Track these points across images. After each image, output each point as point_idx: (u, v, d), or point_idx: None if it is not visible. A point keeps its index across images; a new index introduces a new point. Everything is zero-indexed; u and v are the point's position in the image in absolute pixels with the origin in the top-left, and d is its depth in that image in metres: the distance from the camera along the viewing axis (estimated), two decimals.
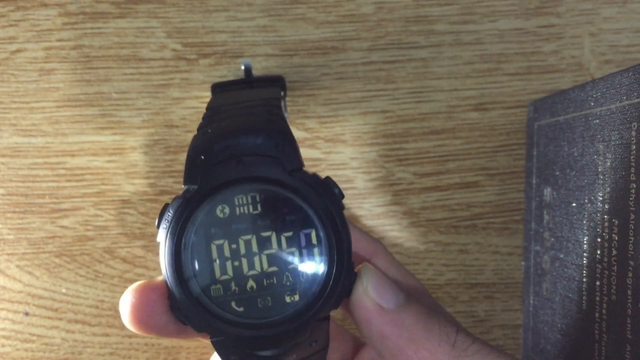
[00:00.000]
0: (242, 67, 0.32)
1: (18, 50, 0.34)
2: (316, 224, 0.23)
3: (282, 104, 0.32)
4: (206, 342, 0.36)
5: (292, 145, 0.23)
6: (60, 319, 0.36)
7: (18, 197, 0.35)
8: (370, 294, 0.23)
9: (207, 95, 0.35)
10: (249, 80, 0.32)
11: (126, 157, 0.35)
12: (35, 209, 0.35)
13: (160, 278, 0.23)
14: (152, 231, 0.36)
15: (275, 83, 0.32)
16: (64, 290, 0.36)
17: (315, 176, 0.23)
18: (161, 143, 0.35)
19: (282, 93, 0.32)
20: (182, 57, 0.35)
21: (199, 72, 0.35)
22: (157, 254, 0.35)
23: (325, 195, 0.23)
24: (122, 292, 0.36)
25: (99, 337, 0.36)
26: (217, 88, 0.31)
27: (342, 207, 0.23)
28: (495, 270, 0.37)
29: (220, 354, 0.23)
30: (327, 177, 0.23)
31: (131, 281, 0.36)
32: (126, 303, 0.23)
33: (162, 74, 0.35)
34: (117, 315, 0.36)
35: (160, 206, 0.35)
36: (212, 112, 0.25)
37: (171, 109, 0.35)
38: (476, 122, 0.36)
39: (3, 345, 0.36)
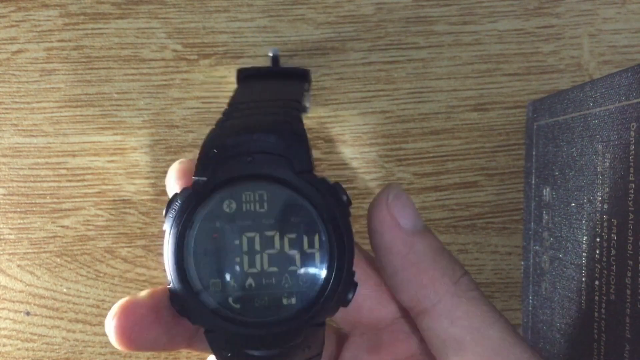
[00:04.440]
0: (270, 54, 0.32)
1: (19, 51, 0.35)
2: (320, 228, 0.22)
3: (306, 96, 0.32)
4: (196, 353, 0.36)
5: (303, 147, 0.22)
6: (61, 318, 0.36)
7: (19, 197, 0.35)
8: (391, 208, 0.23)
9: (207, 96, 0.35)
10: (275, 70, 0.31)
11: (127, 157, 0.35)
12: (37, 209, 0.35)
13: (143, 293, 0.23)
14: (152, 231, 0.36)
15: (302, 77, 0.31)
16: (64, 290, 0.36)
17: (323, 180, 0.23)
18: (162, 143, 0.35)
19: (306, 86, 0.32)
20: (182, 57, 0.35)
21: (199, 73, 0.35)
22: (159, 253, 0.36)
23: (332, 200, 0.22)
24: (122, 292, 0.36)
25: (100, 337, 0.36)
26: (242, 75, 0.30)
27: (348, 213, 0.23)
28: (494, 270, 0.37)
29: (212, 347, 0.23)
30: (336, 183, 0.23)
31: (132, 281, 0.36)
32: (111, 325, 0.22)
33: (162, 74, 0.35)
34: None
35: (161, 206, 0.35)
36: (232, 109, 0.25)
37: (172, 110, 0.35)
38: (475, 122, 0.36)
39: (4, 345, 0.36)
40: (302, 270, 0.22)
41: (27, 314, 0.36)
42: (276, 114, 0.24)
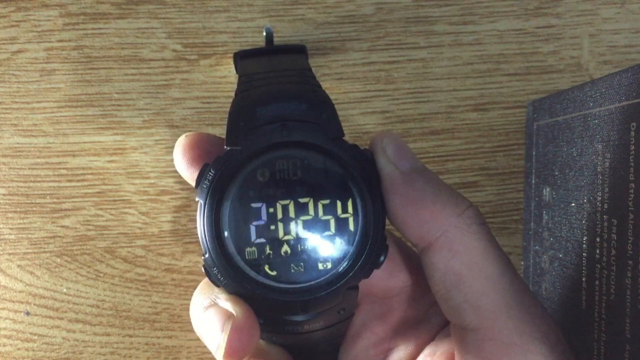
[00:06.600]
0: (264, 33, 0.31)
1: (19, 51, 0.35)
2: (354, 193, 0.23)
3: None
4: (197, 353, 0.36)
5: (334, 114, 0.23)
6: (61, 318, 0.36)
7: (19, 197, 0.35)
8: (387, 152, 0.23)
9: (207, 96, 0.35)
10: (272, 49, 0.31)
11: (127, 157, 0.35)
12: (37, 208, 0.35)
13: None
14: (152, 231, 0.36)
15: (300, 52, 0.31)
16: (64, 290, 0.36)
17: (356, 146, 0.23)
18: (162, 143, 0.35)
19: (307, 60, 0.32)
20: (182, 57, 0.35)
21: (199, 73, 0.35)
22: (159, 253, 0.36)
23: (365, 165, 0.23)
24: (122, 292, 0.36)
25: (99, 337, 0.36)
26: (240, 56, 0.30)
27: (379, 178, 0.23)
28: None
29: None
30: (366, 149, 0.23)
31: (132, 281, 0.36)
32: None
33: (162, 74, 0.35)
34: (117, 314, 0.36)
35: (160, 206, 0.35)
36: (247, 79, 0.25)
37: (172, 109, 0.35)
38: (475, 122, 0.36)
39: (4, 345, 0.36)
40: (337, 235, 0.23)
41: (27, 314, 0.36)
42: (298, 82, 0.24)
